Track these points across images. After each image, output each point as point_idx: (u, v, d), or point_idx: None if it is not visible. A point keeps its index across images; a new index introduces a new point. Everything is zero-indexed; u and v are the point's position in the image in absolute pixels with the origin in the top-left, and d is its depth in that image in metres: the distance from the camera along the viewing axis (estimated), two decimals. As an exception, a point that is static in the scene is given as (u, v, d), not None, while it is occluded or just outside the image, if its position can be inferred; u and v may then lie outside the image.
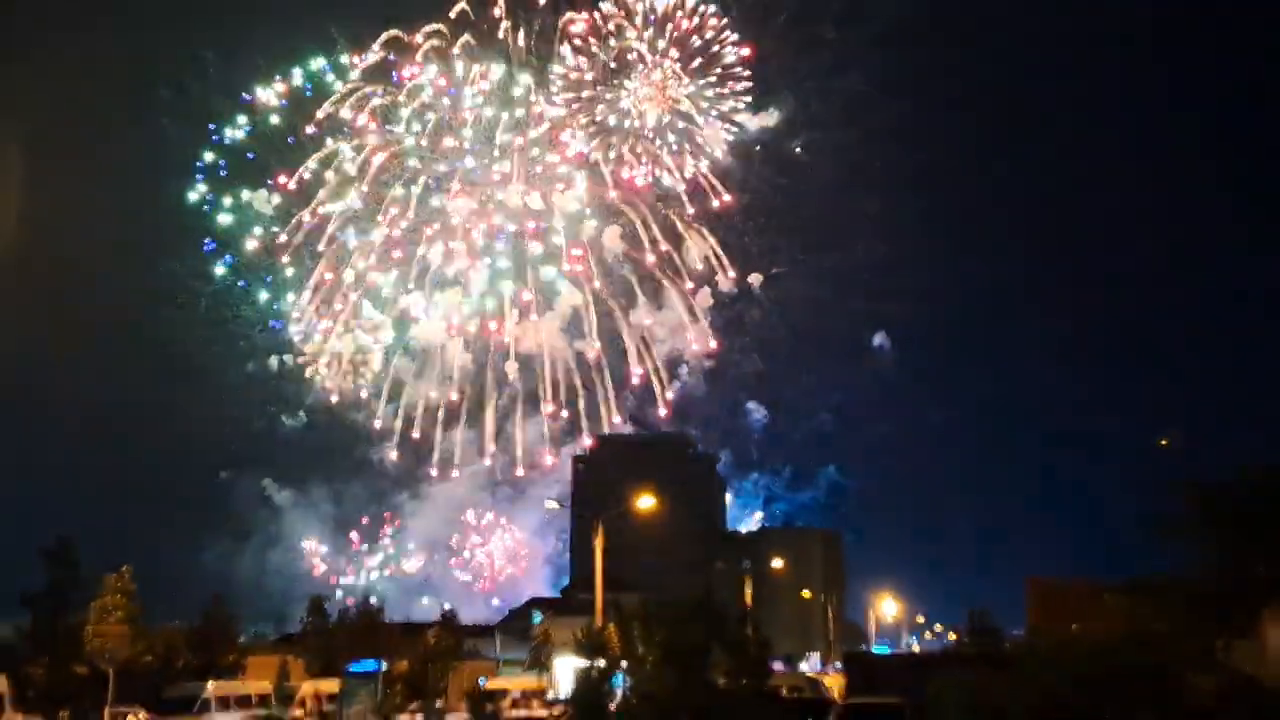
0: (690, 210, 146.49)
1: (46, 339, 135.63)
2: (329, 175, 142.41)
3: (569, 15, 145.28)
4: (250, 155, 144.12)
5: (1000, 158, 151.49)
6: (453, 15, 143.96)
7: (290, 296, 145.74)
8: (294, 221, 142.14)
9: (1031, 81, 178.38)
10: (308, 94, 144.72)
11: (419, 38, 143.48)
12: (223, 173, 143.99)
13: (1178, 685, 19.28)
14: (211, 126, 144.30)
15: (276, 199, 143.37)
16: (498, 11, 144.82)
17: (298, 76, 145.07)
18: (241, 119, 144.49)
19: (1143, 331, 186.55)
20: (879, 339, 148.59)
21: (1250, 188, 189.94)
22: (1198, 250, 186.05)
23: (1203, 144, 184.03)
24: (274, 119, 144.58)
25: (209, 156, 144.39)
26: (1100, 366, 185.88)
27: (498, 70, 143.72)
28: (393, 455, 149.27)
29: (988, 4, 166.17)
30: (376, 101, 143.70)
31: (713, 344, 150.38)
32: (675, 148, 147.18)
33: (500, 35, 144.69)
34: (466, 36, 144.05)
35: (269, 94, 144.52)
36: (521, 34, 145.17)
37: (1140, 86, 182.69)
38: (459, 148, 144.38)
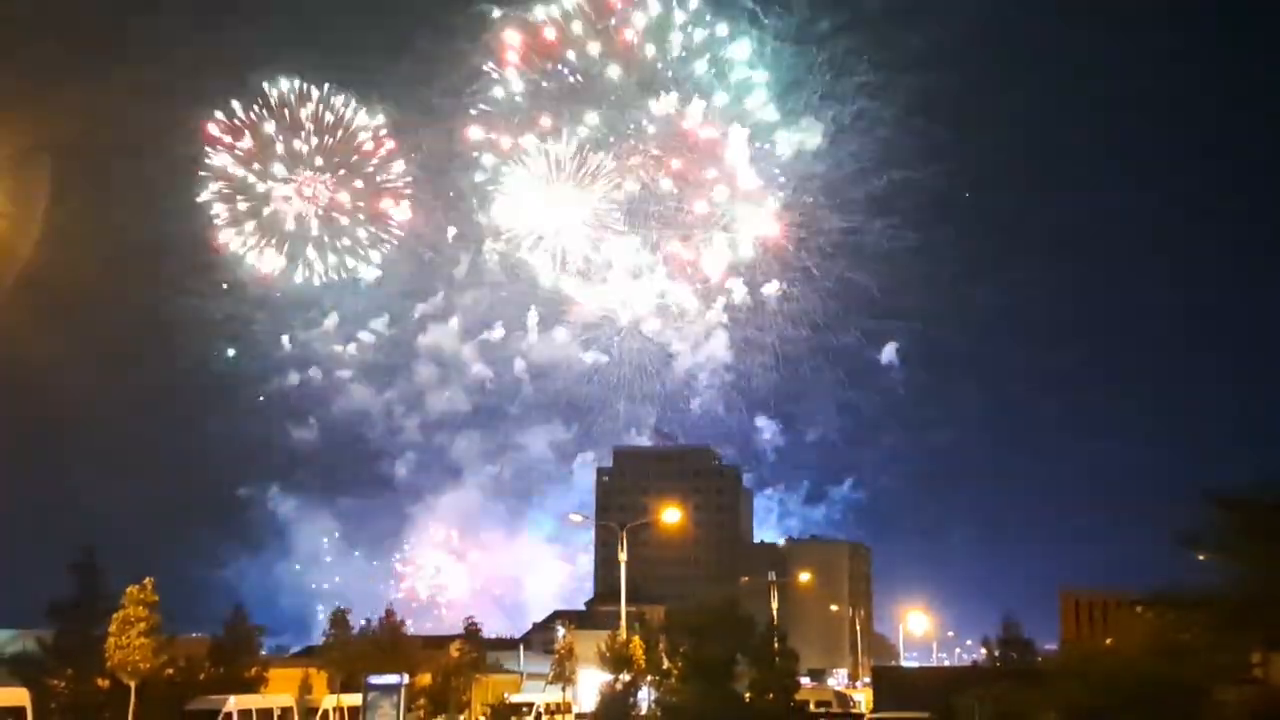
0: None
1: (69, 357, 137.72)
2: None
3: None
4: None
5: (1007, 179, 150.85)
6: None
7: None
8: None
9: (1046, 112, 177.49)
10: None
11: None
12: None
13: (1205, 699, 18.66)
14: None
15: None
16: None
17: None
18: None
19: (1165, 343, 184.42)
20: (888, 355, 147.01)
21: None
22: (1211, 265, 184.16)
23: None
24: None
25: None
26: (1122, 382, 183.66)
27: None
28: (402, 469, 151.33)
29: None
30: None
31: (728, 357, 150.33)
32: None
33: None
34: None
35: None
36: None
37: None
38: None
